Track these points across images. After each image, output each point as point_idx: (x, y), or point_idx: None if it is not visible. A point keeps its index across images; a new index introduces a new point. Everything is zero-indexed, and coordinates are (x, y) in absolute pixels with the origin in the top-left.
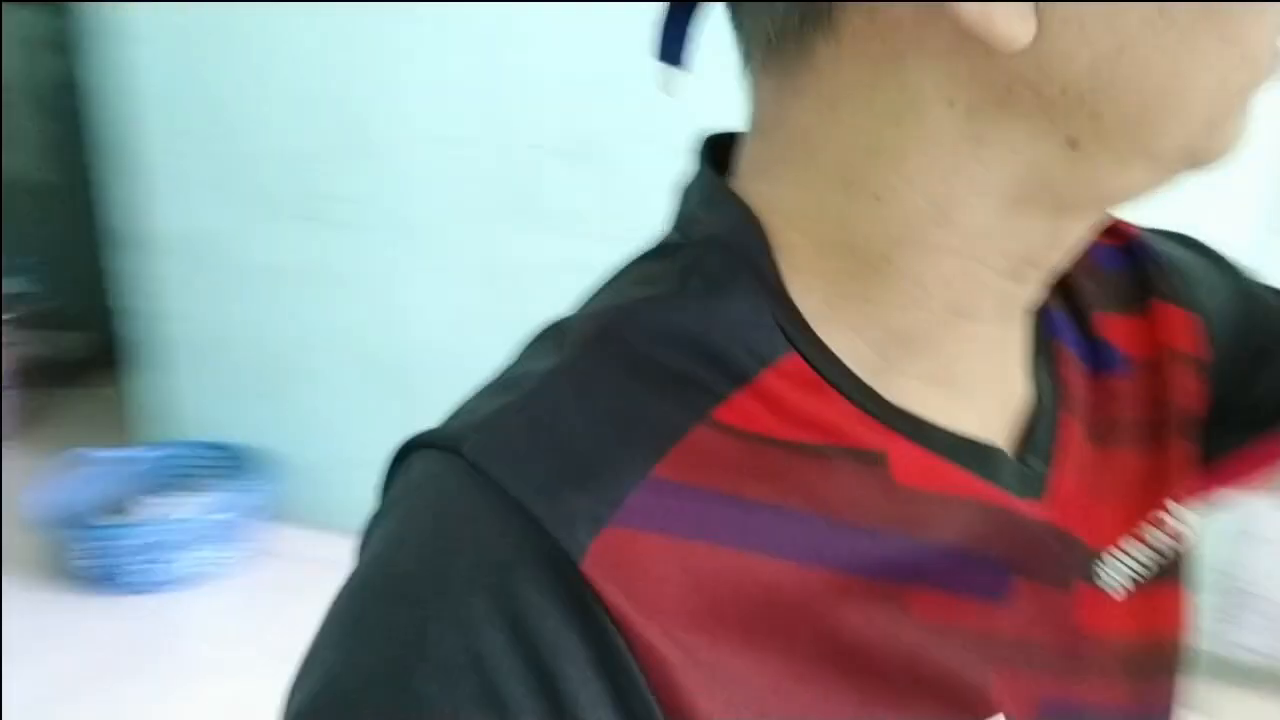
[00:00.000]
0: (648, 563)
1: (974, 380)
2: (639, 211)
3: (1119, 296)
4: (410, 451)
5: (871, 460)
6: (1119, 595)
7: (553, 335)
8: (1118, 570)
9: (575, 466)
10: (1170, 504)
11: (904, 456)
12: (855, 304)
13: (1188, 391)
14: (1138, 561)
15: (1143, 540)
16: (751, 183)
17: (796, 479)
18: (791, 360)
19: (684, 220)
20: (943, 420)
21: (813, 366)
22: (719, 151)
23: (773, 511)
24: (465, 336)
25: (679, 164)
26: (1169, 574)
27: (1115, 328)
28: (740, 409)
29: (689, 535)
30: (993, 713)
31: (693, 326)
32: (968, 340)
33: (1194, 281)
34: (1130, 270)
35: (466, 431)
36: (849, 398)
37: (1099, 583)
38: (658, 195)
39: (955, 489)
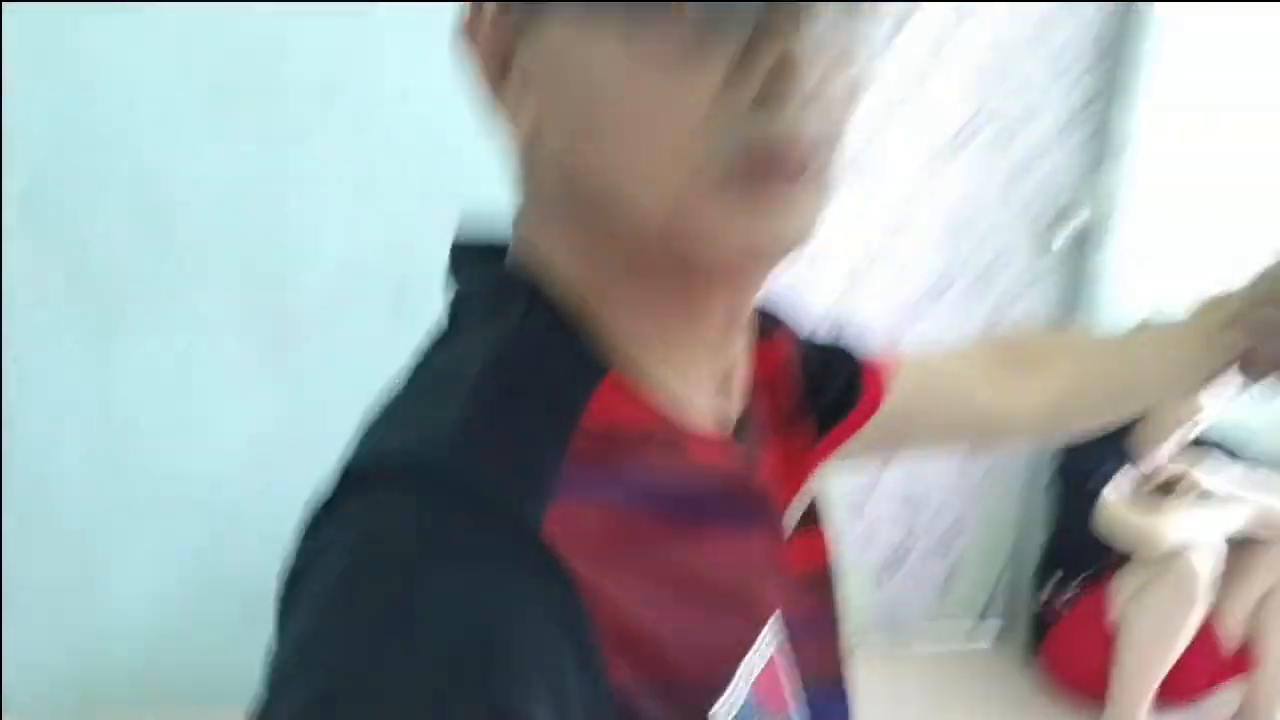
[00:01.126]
0: (585, 523)
1: (701, 388)
2: None
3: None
4: (346, 491)
5: (677, 445)
6: (791, 536)
7: (437, 385)
8: (788, 523)
9: (518, 468)
10: (807, 476)
11: (695, 442)
12: (618, 327)
13: (789, 398)
14: (797, 516)
15: (795, 503)
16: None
17: (640, 457)
18: (613, 375)
19: (489, 283)
20: (684, 411)
21: (627, 382)
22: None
23: (634, 481)
24: None
25: None
26: (813, 523)
27: (753, 352)
28: (594, 415)
29: (599, 502)
30: (770, 614)
31: (550, 360)
32: (688, 362)
33: (784, 320)
34: (756, 310)
35: (426, 454)
36: (645, 403)
37: (784, 530)
38: None
39: (724, 464)
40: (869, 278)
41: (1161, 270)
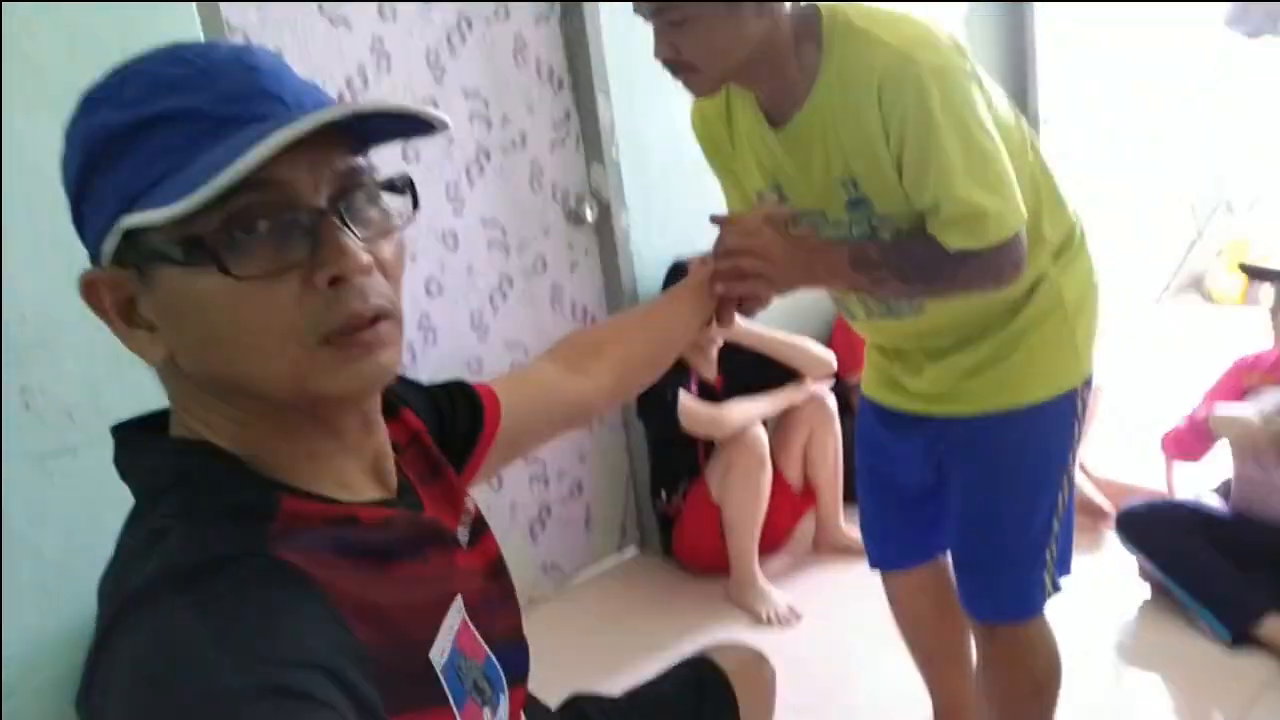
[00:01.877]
0: (305, 556)
1: (359, 479)
2: None
3: (385, 412)
4: (126, 611)
5: (352, 521)
6: (466, 547)
7: (156, 538)
8: (462, 537)
9: (241, 545)
10: (465, 499)
11: (363, 514)
12: (279, 461)
13: (431, 446)
14: (468, 529)
15: (464, 521)
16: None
17: (324, 533)
18: (288, 496)
19: (168, 462)
20: (350, 496)
21: (297, 496)
22: None
23: (329, 542)
24: None
25: None
26: (482, 532)
27: (390, 430)
28: (280, 523)
29: (308, 552)
30: (454, 596)
31: (231, 500)
32: (340, 468)
33: (408, 392)
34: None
35: (178, 564)
36: (318, 501)
37: (460, 543)
38: None
39: (392, 517)
40: (445, 289)
41: (673, 230)
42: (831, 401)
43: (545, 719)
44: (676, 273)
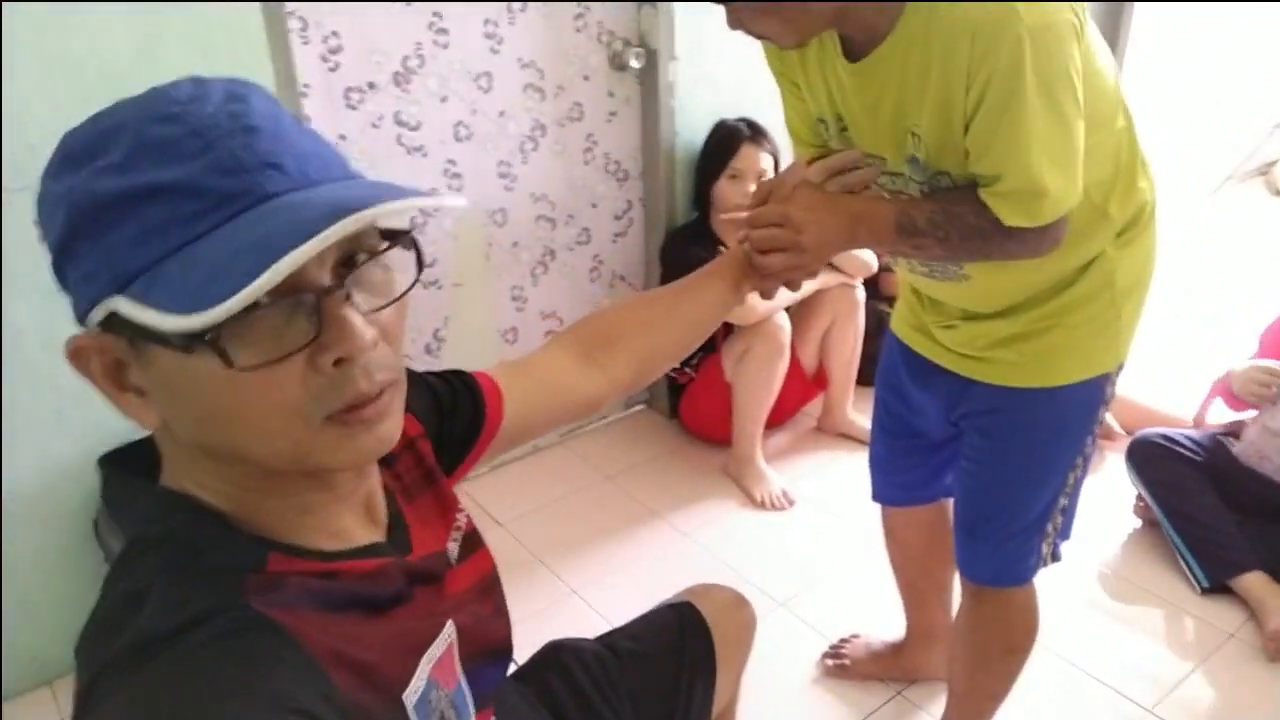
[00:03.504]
0: (279, 607)
1: (350, 524)
2: None
3: None
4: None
5: (333, 576)
6: (456, 562)
7: (138, 598)
8: (451, 553)
9: (220, 596)
10: (458, 513)
11: (348, 568)
12: (269, 518)
13: (428, 453)
14: (459, 544)
15: (454, 537)
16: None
17: (309, 584)
18: (275, 554)
19: (156, 513)
20: (341, 544)
21: (284, 553)
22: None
23: (308, 599)
24: None
25: None
26: (473, 543)
27: None
28: (264, 578)
29: (287, 605)
30: (442, 625)
31: (213, 556)
32: (334, 517)
33: (409, 391)
34: None
35: (162, 627)
36: (304, 557)
37: (450, 562)
38: None
39: (379, 570)
40: (474, 134)
41: (723, 87)
42: (860, 291)
43: (522, 694)
44: (719, 133)
